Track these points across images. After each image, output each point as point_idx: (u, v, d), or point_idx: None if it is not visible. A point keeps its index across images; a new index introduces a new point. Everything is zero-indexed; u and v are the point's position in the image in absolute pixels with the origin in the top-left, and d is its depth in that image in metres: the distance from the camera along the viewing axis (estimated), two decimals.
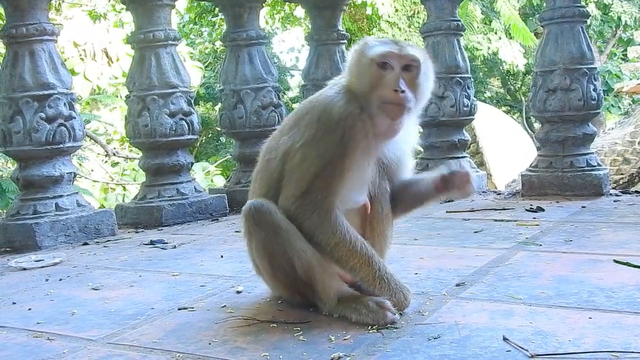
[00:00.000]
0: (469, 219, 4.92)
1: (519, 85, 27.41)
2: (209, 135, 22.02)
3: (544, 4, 6.17)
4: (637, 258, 3.30)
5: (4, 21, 5.22)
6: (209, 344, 2.43)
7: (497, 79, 28.08)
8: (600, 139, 11.43)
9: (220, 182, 11.73)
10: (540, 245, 3.82)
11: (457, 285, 3.04)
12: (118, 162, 13.96)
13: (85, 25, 14.36)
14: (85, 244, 4.96)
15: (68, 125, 5.10)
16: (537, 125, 20.75)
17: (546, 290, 2.85)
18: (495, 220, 4.77)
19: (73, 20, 14.32)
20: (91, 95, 14.17)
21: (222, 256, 4.10)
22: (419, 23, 18.26)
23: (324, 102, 2.64)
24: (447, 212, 5.33)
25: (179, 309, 2.94)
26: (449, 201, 5.96)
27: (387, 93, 2.55)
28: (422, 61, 2.63)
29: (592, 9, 20.49)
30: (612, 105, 22.21)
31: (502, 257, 3.55)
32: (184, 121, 5.81)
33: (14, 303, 3.28)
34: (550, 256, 3.52)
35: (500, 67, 23.21)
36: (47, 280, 3.78)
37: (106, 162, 13.74)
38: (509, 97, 28.69)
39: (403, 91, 2.54)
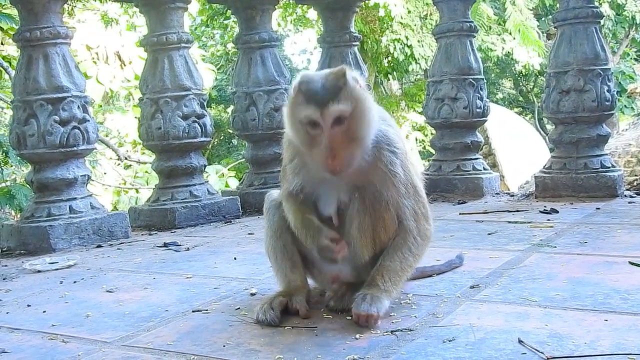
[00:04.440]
0: (482, 221, 4.90)
1: (531, 87, 27.33)
2: (221, 138, 22.08)
3: (557, 5, 6.15)
4: None
5: (19, 25, 5.25)
6: (224, 346, 2.43)
7: (509, 81, 28.01)
8: (614, 140, 11.38)
9: (235, 184, 11.75)
10: (555, 247, 3.80)
11: (472, 287, 3.03)
12: (130, 165, 14.02)
13: (98, 29, 14.43)
14: (99, 246, 4.98)
15: (82, 128, 5.12)
16: (549, 127, 20.71)
17: (561, 292, 2.83)
18: (509, 222, 4.75)
19: (86, 23, 14.39)
20: (104, 98, 14.23)
21: (235, 258, 4.10)
22: (431, 24, 18.21)
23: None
24: (460, 213, 5.31)
25: (193, 311, 2.95)
26: (461, 203, 5.96)
27: (319, 159, 2.56)
28: (352, 109, 2.53)
29: (605, 8, 20.38)
30: (625, 106, 22.06)
31: (516, 259, 3.53)
32: (196, 124, 5.82)
33: (28, 305, 3.29)
34: (565, 258, 3.50)
35: (513, 69, 23.12)
36: (61, 282, 3.79)
37: (118, 164, 13.79)
38: (521, 99, 28.61)
39: (334, 156, 2.52)
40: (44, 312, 3.15)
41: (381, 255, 2.72)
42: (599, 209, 5.13)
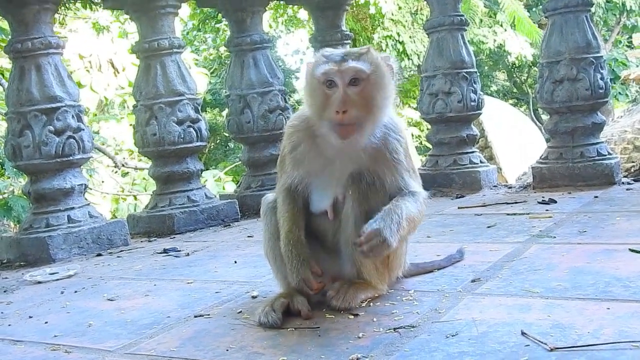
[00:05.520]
0: (481, 214, 4.90)
1: (525, 78, 27.32)
2: (217, 142, 22.04)
3: None
4: None
5: (10, 36, 5.24)
6: (227, 350, 2.43)
7: (503, 72, 27.99)
8: (610, 127, 11.36)
9: (232, 189, 11.76)
10: (555, 237, 3.80)
11: (473, 281, 3.02)
12: (128, 172, 14.00)
13: (90, 37, 14.41)
14: (99, 254, 4.97)
15: (77, 137, 5.12)
16: (544, 117, 20.68)
17: (562, 282, 2.83)
18: (508, 214, 4.75)
19: (77, 32, 14.36)
20: (98, 106, 14.21)
21: (235, 262, 4.10)
22: (422, 20, 18.23)
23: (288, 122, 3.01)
24: (458, 207, 5.31)
25: (195, 317, 2.94)
26: (459, 197, 5.96)
27: (331, 114, 2.61)
28: (369, 72, 2.61)
29: None
30: (619, 93, 22.08)
31: (516, 251, 3.53)
32: (192, 128, 5.82)
33: (30, 317, 3.29)
34: (565, 248, 3.50)
35: (506, 60, 23.13)
36: (62, 292, 3.78)
37: (116, 172, 13.77)
38: (515, 90, 28.60)
39: (345, 111, 2.57)
40: (46, 323, 3.14)
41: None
42: (597, 197, 5.13)
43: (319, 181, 2.81)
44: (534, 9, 22.17)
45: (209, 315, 2.94)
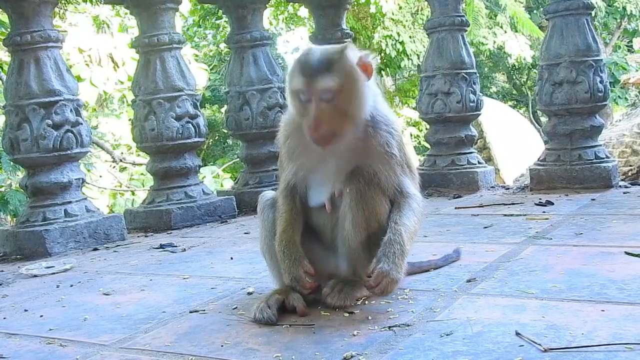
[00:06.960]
0: (478, 215, 4.91)
1: (525, 80, 27.34)
2: (216, 138, 22.04)
3: None
4: None
5: (9, 29, 5.24)
6: (222, 346, 2.43)
7: (503, 74, 28.02)
8: (608, 130, 11.39)
9: (230, 186, 11.76)
10: (551, 239, 3.81)
11: (468, 281, 3.03)
12: (126, 167, 13.99)
13: (90, 31, 14.40)
14: (95, 249, 4.97)
15: (75, 132, 5.11)
16: (543, 119, 20.72)
17: (558, 284, 2.83)
18: (505, 215, 4.76)
19: (77, 26, 14.35)
20: (98, 100, 14.21)
21: (232, 258, 4.10)
22: (422, 20, 18.22)
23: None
24: (455, 207, 5.32)
25: (191, 312, 2.95)
26: (457, 197, 5.96)
27: (307, 129, 2.63)
28: (340, 85, 2.57)
29: (596, 0, 20.41)
30: (618, 96, 22.08)
31: (512, 252, 3.54)
32: (190, 124, 5.82)
33: (25, 310, 3.29)
34: (561, 250, 3.50)
35: (506, 62, 23.15)
36: (58, 286, 3.78)
37: (114, 167, 13.77)
38: (514, 92, 28.62)
39: (317, 129, 2.58)
40: (41, 316, 3.14)
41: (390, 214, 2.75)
42: (594, 200, 5.14)
43: (315, 175, 2.81)
44: (534, 11, 22.20)
45: (204, 310, 2.95)
